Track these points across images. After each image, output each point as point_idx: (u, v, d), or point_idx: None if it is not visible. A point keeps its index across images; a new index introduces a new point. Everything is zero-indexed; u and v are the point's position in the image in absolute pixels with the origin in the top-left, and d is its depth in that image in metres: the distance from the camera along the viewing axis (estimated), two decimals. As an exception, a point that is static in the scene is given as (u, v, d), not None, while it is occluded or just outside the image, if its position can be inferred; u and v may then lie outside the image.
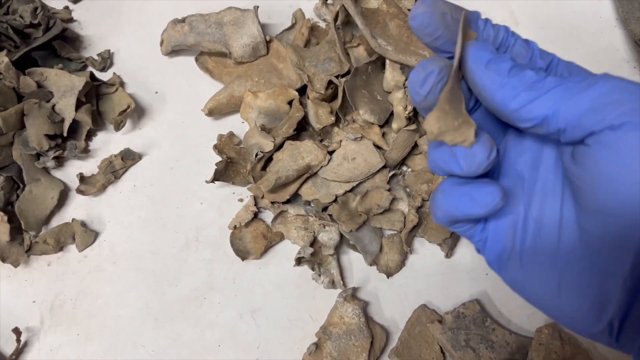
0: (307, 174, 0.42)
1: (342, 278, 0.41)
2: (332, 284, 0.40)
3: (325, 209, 0.42)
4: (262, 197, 0.42)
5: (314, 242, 0.41)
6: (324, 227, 0.41)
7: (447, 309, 0.40)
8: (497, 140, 0.25)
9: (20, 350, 0.39)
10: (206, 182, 0.40)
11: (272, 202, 0.42)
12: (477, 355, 0.38)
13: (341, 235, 0.41)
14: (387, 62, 0.41)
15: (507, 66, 0.21)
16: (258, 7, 0.44)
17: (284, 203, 0.42)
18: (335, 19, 0.43)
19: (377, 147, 0.42)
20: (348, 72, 0.43)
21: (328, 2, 0.47)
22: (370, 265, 0.40)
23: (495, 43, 0.23)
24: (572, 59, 0.23)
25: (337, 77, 0.43)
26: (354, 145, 0.42)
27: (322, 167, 0.42)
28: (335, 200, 0.42)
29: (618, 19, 0.49)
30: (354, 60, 0.44)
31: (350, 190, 0.42)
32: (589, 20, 0.50)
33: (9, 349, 0.39)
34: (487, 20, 0.23)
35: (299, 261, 0.40)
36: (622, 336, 0.21)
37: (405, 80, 0.41)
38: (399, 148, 0.42)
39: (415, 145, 0.43)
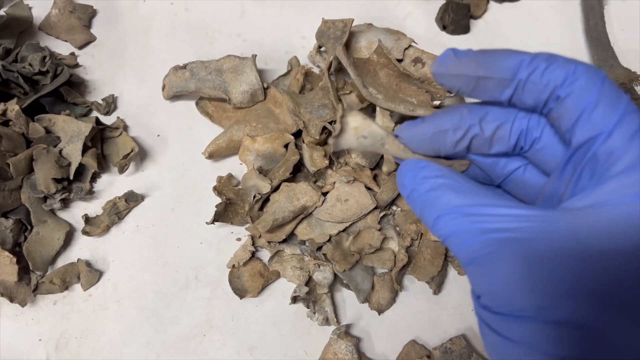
0: (303, 214, 0.44)
1: (336, 315, 0.43)
2: (326, 321, 0.42)
3: (319, 248, 0.44)
4: (260, 236, 0.44)
5: (309, 281, 0.43)
6: (319, 267, 0.43)
7: (435, 344, 0.43)
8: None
9: (25, 388, 0.40)
10: (207, 223, 0.43)
11: (269, 242, 0.44)
12: (464, 390, 0.40)
13: (335, 275, 0.43)
14: (377, 109, 0.44)
15: None
16: (256, 55, 0.47)
17: (280, 242, 0.44)
18: (329, 68, 0.46)
19: (369, 188, 0.45)
20: (341, 118, 0.46)
21: (321, 49, 0.50)
22: (363, 303, 0.43)
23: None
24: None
25: (330, 122, 0.45)
26: (346, 187, 0.44)
27: (316, 207, 0.44)
28: (329, 240, 0.44)
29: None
30: (347, 107, 0.46)
31: (344, 230, 0.44)
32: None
33: (15, 386, 0.40)
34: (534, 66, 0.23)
35: (294, 299, 0.42)
36: None
37: (395, 126, 0.44)
38: (389, 190, 0.44)
39: (405, 187, 0.45)
